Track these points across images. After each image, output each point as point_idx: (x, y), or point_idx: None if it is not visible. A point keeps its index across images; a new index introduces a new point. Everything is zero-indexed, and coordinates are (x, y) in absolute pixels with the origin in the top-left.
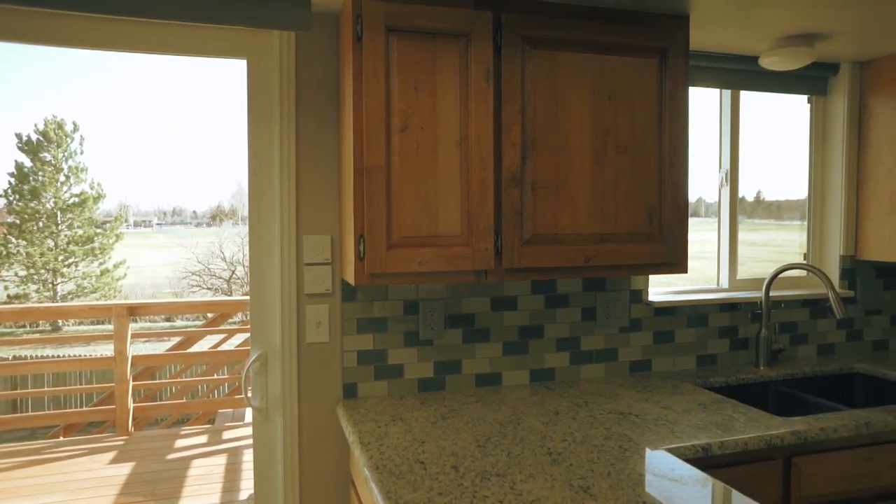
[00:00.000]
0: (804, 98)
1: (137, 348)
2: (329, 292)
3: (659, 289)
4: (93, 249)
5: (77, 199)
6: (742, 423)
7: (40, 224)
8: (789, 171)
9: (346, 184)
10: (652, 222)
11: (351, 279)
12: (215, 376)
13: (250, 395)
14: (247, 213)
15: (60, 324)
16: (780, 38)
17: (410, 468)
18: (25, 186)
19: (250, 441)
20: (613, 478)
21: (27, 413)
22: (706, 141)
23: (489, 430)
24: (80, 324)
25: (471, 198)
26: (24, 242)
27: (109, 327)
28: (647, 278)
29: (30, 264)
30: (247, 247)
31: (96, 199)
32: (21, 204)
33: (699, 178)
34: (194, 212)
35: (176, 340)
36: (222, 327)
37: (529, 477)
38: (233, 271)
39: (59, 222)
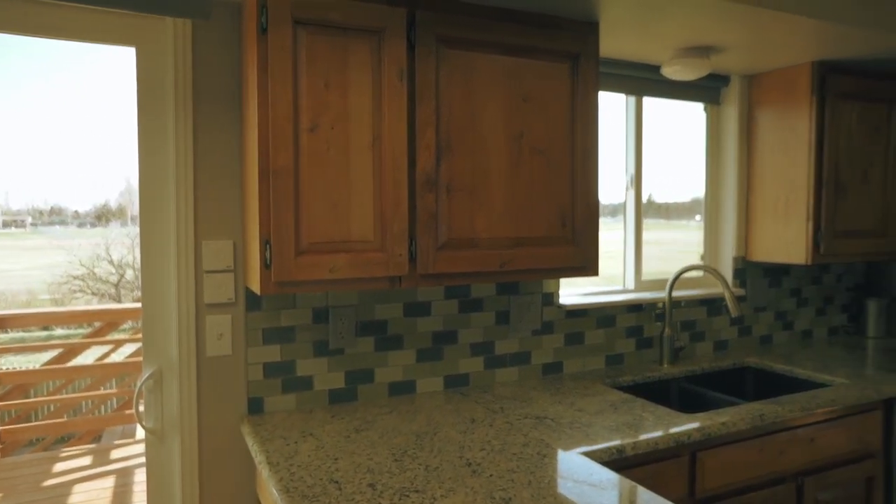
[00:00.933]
0: (701, 106)
1: (6, 363)
2: (231, 301)
3: (567, 290)
4: None
5: None
6: (651, 422)
7: None
8: (677, 175)
9: (250, 186)
10: (565, 225)
11: (256, 288)
12: (101, 391)
13: (143, 415)
14: (137, 212)
15: None
16: (681, 48)
17: (324, 489)
18: None
19: (143, 459)
20: (534, 486)
21: None
22: (609, 145)
23: (405, 443)
24: None
25: (384, 201)
26: None
27: None
28: (559, 281)
29: None
30: (138, 248)
31: None
32: None
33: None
34: (76, 211)
35: (56, 353)
36: (109, 337)
37: (450, 491)
38: (122, 275)
39: None
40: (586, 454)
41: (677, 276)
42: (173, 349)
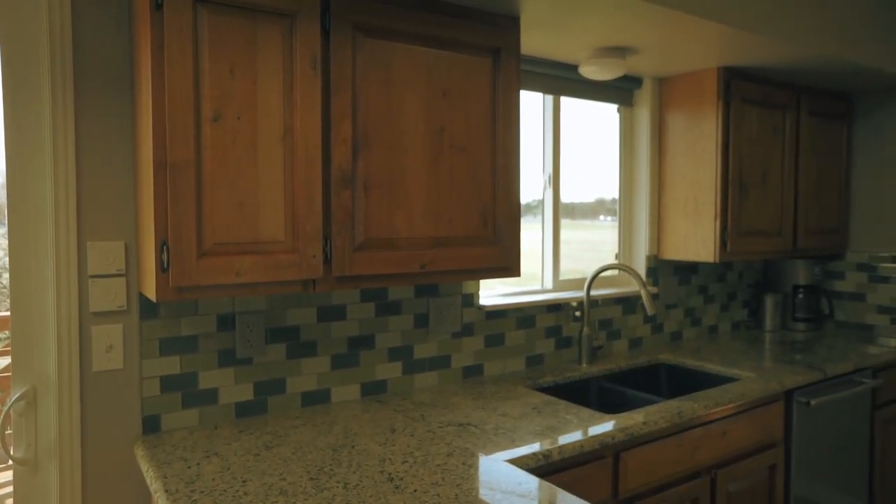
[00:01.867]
0: (614, 107)
1: None
2: (123, 309)
3: (485, 291)
4: None
5: None
6: (576, 424)
7: None
8: (583, 175)
9: (144, 180)
10: (486, 225)
11: (152, 294)
12: None
13: (10, 442)
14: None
15: None
16: (598, 48)
17: None
18: None
19: (10, 490)
20: (462, 500)
21: None
22: (526, 144)
23: (321, 458)
24: None
25: (297, 199)
26: None
27: None
28: (479, 282)
29: None
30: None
31: None
32: None
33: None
34: None
35: None
36: None
37: None
38: None
39: None
40: (513, 461)
41: (595, 276)
42: (50, 365)
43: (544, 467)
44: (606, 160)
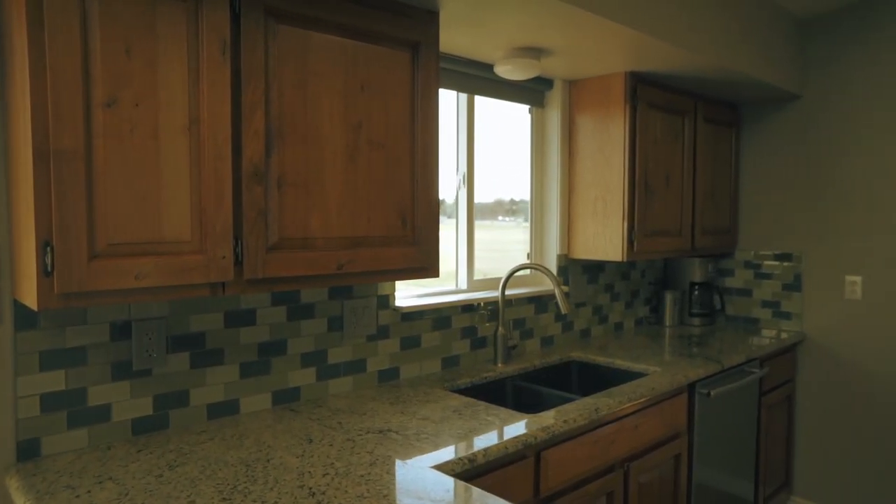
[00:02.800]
0: (526, 108)
1: None
2: None
3: (400, 292)
4: None
5: None
6: (498, 425)
7: None
8: (489, 175)
9: (20, 171)
10: (406, 225)
11: (32, 301)
12: None
13: None
14: None
15: None
16: (514, 48)
17: None
18: None
19: None
20: None
21: None
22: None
23: (234, 475)
24: None
25: (204, 195)
26: None
27: None
28: (394, 283)
29: None
30: None
31: None
32: None
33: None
34: None
35: None
36: None
37: None
38: None
39: None
40: (438, 467)
41: (510, 275)
42: None
43: (470, 471)
44: (516, 160)
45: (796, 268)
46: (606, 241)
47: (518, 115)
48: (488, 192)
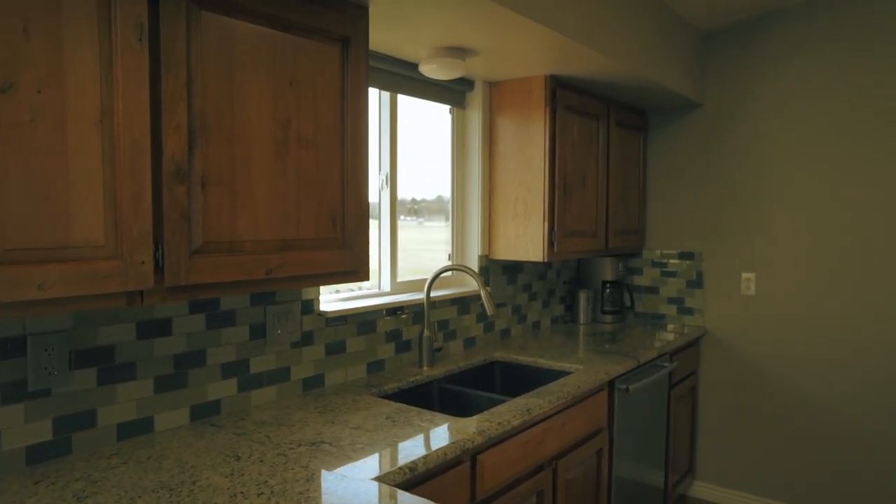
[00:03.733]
0: (447, 108)
1: None
2: None
3: (323, 296)
4: None
5: None
6: (434, 431)
7: None
8: (413, 175)
9: None
10: (336, 226)
11: None
12: None
13: None
14: None
15: None
16: (439, 47)
17: None
18: None
19: None
20: None
21: None
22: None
23: (156, 502)
24: None
25: (120, 195)
26: None
27: None
28: (319, 287)
29: None
30: None
31: None
32: None
33: None
34: None
35: None
36: None
37: None
38: None
39: None
40: (379, 479)
41: (435, 277)
42: None
43: (411, 480)
44: (433, 160)
45: (698, 266)
46: (527, 241)
47: (436, 115)
48: (410, 192)
